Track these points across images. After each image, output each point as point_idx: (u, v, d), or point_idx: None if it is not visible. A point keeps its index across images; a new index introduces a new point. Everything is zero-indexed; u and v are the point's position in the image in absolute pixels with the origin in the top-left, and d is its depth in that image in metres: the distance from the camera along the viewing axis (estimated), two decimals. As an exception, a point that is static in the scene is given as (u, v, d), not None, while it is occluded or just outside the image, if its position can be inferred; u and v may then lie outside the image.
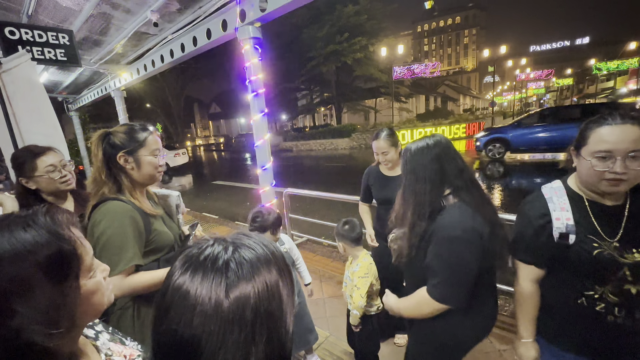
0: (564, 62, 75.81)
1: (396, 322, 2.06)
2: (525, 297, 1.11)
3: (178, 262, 0.42)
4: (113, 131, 1.11)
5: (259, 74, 3.08)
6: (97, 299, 0.53)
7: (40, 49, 2.43)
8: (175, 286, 0.39)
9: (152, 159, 1.14)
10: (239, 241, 0.43)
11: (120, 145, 1.09)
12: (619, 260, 0.93)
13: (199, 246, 0.43)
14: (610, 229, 0.95)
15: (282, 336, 0.42)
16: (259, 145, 3.28)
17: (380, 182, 1.97)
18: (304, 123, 39.71)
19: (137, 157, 1.11)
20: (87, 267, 0.51)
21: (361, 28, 20.76)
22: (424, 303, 1.08)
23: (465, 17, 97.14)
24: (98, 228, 1.00)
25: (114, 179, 1.09)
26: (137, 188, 1.15)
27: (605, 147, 0.89)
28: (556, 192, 1.05)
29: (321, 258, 3.51)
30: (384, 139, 1.84)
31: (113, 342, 0.64)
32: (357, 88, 26.50)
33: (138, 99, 27.79)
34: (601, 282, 0.97)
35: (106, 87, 6.12)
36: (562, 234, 1.00)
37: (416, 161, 1.10)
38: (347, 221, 1.75)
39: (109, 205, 1.04)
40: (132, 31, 3.72)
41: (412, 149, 1.13)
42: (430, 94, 37.40)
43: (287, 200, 3.37)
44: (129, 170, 1.11)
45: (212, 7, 3.13)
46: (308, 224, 4.35)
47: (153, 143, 1.14)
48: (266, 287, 0.40)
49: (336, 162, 14.39)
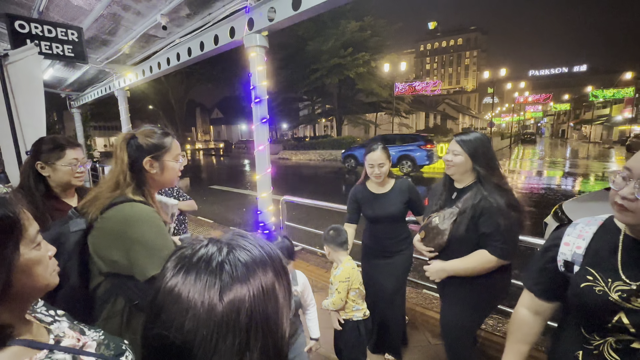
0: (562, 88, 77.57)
1: (389, 342, 2.04)
2: (514, 323, 1.04)
3: (170, 264, 0.40)
4: (139, 134, 1.10)
5: (263, 82, 3.12)
6: (38, 272, 0.54)
7: (49, 44, 2.45)
8: (166, 289, 0.37)
9: (174, 164, 1.14)
10: (234, 242, 0.41)
11: (147, 149, 1.07)
12: (620, 304, 0.75)
13: (192, 247, 0.41)
14: (638, 270, 0.77)
15: (278, 341, 0.40)
16: (259, 151, 3.29)
17: (371, 200, 1.96)
18: (305, 133, 39.99)
19: (163, 161, 1.10)
20: (30, 238, 0.53)
21: (365, 44, 21.20)
22: (487, 261, 1.37)
23: (467, 39, 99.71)
24: (138, 228, 0.98)
25: (137, 182, 1.07)
26: (153, 192, 1.14)
27: None
28: (589, 221, 0.90)
29: (315, 268, 3.48)
30: (382, 151, 1.86)
31: (72, 330, 0.63)
32: (359, 101, 26.84)
33: (141, 100, 27.93)
34: (601, 331, 0.81)
35: (110, 87, 6.16)
36: (566, 262, 0.88)
37: (485, 146, 1.44)
38: (334, 227, 1.80)
39: (141, 206, 1.02)
40: (140, 33, 3.78)
41: (480, 135, 1.48)
42: (430, 111, 37.93)
43: (284, 208, 3.35)
44: (153, 174, 1.10)
45: (221, 15, 3.19)
46: (303, 233, 4.32)
47: (176, 148, 1.14)
48: (262, 290, 0.38)
49: (334, 173, 14.43)
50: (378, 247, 1.99)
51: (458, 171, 1.47)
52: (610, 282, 0.78)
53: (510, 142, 30.58)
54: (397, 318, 2.00)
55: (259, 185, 3.33)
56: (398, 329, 2.04)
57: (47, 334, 0.58)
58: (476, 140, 1.43)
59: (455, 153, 1.45)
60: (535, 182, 10.27)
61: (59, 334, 0.59)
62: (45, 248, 0.58)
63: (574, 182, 10.28)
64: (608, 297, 0.77)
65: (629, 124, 30.95)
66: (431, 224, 1.54)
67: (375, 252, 2.00)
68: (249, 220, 6.38)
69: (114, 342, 0.66)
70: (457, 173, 1.48)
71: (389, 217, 1.91)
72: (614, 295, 0.77)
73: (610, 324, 0.77)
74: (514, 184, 9.83)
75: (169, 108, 29.54)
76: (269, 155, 3.31)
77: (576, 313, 0.87)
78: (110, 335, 0.68)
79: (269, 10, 2.75)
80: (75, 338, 0.61)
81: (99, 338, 0.65)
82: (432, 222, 1.54)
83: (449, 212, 1.49)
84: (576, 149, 27.18)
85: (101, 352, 0.61)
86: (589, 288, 0.81)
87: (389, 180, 1.97)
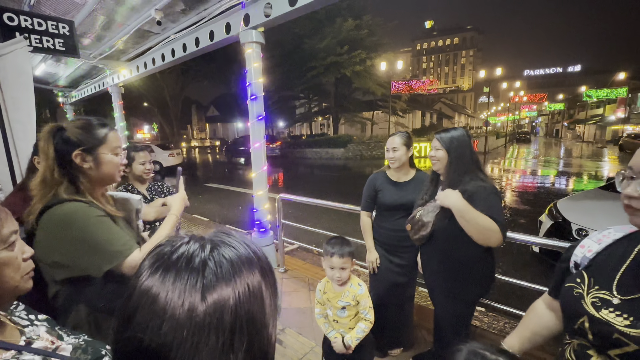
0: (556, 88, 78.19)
1: (398, 339, 2.07)
2: (528, 310, 1.06)
3: (147, 262, 0.37)
4: (67, 126, 1.00)
5: (260, 78, 3.09)
6: (7, 273, 0.53)
7: (39, 37, 2.39)
8: (142, 288, 0.34)
9: (113, 157, 1.05)
10: (217, 239, 0.39)
11: (76, 142, 0.98)
12: (588, 310, 0.74)
13: (172, 244, 0.38)
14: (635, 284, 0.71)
15: (264, 344, 0.38)
16: (255, 148, 3.26)
17: (390, 187, 1.93)
18: (301, 131, 39.89)
19: (97, 155, 1.02)
20: (1, 238, 0.53)
21: (362, 42, 21.14)
22: (492, 229, 1.35)
23: (463, 38, 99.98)
24: (74, 228, 0.92)
25: (70, 179, 0.99)
26: (97, 189, 1.06)
27: None
28: (623, 227, 0.84)
29: (311, 266, 3.47)
30: (399, 136, 1.88)
31: (48, 334, 0.61)
32: (355, 100, 26.79)
33: (136, 97, 27.58)
34: (570, 332, 0.81)
35: (104, 83, 6.07)
36: (575, 263, 0.88)
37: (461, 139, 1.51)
38: (344, 240, 1.57)
39: (71, 205, 0.94)
40: (134, 28, 3.72)
41: (458, 131, 1.54)
42: (426, 110, 38.00)
43: (280, 206, 3.34)
44: (87, 169, 1.01)
45: (217, 10, 3.15)
46: (300, 231, 4.31)
47: (114, 140, 1.06)
48: (248, 290, 0.36)
49: (330, 171, 14.42)
50: (390, 240, 1.96)
51: (442, 165, 1.55)
52: (594, 289, 0.77)
53: (506, 141, 30.79)
54: (407, 316, 2.05)
55: (255, 183, 3.30)
56: (408, 327, 2.09)
57: (20, 335, 0.57)
58: (453, 134, 1.53)
59: (437, 148, 1.56)
60: (530, 180, 10.36)
61: (32, 337, 0.58)
62: (19, 249, 0.56)
63: (567, 181, 10.39)
64: (581, 300, 0.77)
65: (621, 124, 31.33)
66: (416, 217, 1.63)
67: (388, 246, 1.97)
68: (246, 218, 6.34)
69: (94, 347, 0.64)
70: (442, 168, 1.57)
71: (405, 206, 1.86)
72: (587, 301, 0.76)
73: (575, 327, 0.77)
74: (509, 183, 9.91)
75: (165, 105, 29.19)
76: (265, 153, 3.29)
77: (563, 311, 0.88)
78: (93, 341, 0.66)
79: (265, 6, 2.72)
80: (50, 341, 0.59)
81: (78, 343, 0.63)
82: (417, 215, 1.63)
83: (432, 205, 1.57)
84: (570, 148, 27.46)
85: (77, 356, 0.60)
86: (570, 288, 0.81)
87: (410, 170, 1.96)
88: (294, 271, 3.34)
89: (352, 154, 19.72)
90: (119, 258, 0.95)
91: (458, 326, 1.61)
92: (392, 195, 1.91)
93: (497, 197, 1.44)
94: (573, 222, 3.31)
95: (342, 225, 5.41)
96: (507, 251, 4.23)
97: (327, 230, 3.52)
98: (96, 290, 0.97)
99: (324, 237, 4.64)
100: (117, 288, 0.98)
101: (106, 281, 0.97)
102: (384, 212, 1.99)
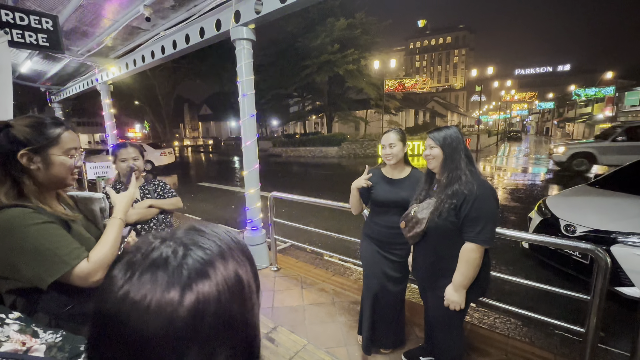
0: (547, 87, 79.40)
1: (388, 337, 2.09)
2: None
3: (118, 272, 0.35)
4: (15, 124, 0.92)
5: (251, 75, 3.06)
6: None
7: (21, 32, 2.31)
8: (117, 298, 0.33)
9: (65, 159, 0.97)
10: (188, 239, 0.38)
11: (24, 141, 0.91)
12: None
13: (141, 250, 0.37)
14: None
15: (249, 342, 0.38)
16: (247, 146, 3.24)
17: (383, 184, 1.93)
18: (295, 130, 39.79)
19: (46, 156, 0.94)
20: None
21: (355, 41, 21.15)
22: (472, 255, 1.42)
23: (456, 37, 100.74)
24: (11, 237, 0.84)
25: (12, 182, 0.91)
26: (45, 192, 0.98)
27: None
28: None
29: (303, 264, 3.46)
30: (394, 132, 1.89)
31: (20, 333, 0.59)
32: (349, 99, 26.80)
33: (126, 95, 27.15)
34: None
35: (92, 81, 5.96)
36: None
37: (454, 137, 1.53)
38: None
39: (11, 212, 0.86)
40: (123, 24, 3.65)
41: (451, 129, 1.56)
42: (419, 108, 38.26)
43: (273, 204, 3.32)
44: (34, 171, 0.93)
45: (207, 7, 3.11)
46: (292, 229, 4.30)
47: (69, 141, 0.98)
48: (227, 289, 0.35)
49: (324, 169, 14.42)
50: (383, 236, 1.95)
51: (438, 163, 1.57)
52: None
53: (497, 139, 31.17)
54: (399, 313, 2.05)
55: (247, 181, 3.28)
56: (400, 324, 2.10)
57: None
58: (446, 132, 1.56)
59: (432, 146, 1.58)
60: (520, 178, 10.50)
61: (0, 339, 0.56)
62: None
63: (557, 177, 10.56)
64: None
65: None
66: (410, 214, 1.64)
67: (381, 242, 1.96)
68: (239, 217, 6.30)
69: (72, 343, 0.63)
70: (437, 166, 1.58)
71: (398, 203, 1.85)
72: None
73: None
74: (500, 180, 10.04)
75: (156, 104, 28.79)
76: (256, 151, 3.27)
77: None
78: (72, 336, 0.64)
79: (255, 2, 2.69)
80: (20, 342, 0.57)
81: (54, 341, 0.61)
82: (411, 212, 1.64)
83: (427, 202, 1.59)
84: (560, 146, 27.89)
85: (52, 354, 0.58)
86: None
87: (405, 167, 1.95)
88: (287, 269, 3.33)
89: (346, 152, 19.75)
90: (64, 268, 0.87)
91: (450, 324, 1.62)
92: (385, 192, 1.91)
93: (490, 202, 1.45)
94: (562, 218, 3.37)
95: (335, 223, 5.42)
96: (498, 247, 4.29)
97: (321, 228, 3.52)
98: (53, 297, 0.90)
99: (317, 235, 4.67)
100: (77, 294, 0.93)
101: (60, 290, 0.91)
102: (376, 208, 1.99)
